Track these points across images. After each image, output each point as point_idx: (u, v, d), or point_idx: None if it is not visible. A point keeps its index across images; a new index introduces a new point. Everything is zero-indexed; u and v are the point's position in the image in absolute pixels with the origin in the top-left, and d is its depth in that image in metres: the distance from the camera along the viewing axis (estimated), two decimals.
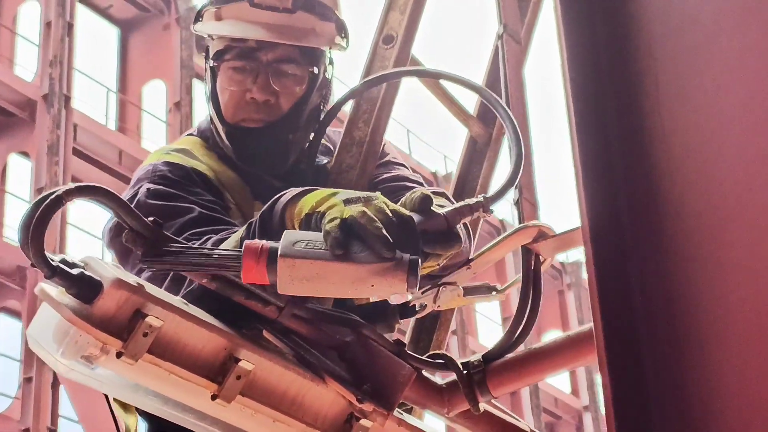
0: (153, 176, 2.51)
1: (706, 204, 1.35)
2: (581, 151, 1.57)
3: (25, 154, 18.98)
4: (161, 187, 2.47)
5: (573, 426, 27.31)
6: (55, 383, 16.91)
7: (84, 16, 20.61)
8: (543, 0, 3.01)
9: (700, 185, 1.37)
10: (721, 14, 1.40)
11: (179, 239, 1.89)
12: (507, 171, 2.13)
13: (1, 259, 17.88)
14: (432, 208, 2.00)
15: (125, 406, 2.50)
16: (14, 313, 18.53)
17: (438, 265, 2.02)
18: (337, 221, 1.86)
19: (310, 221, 1.96)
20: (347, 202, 1.93)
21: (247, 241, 1.85)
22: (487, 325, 26.08)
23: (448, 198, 2.50)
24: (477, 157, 3.00)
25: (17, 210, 18.93)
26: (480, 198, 2.06)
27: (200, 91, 21.41)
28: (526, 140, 2.65)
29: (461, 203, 2.04)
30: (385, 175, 2.62)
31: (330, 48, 2.65)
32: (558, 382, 27.24)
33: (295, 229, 2.00)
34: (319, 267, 1.82)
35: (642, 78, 1.47)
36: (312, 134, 2.68)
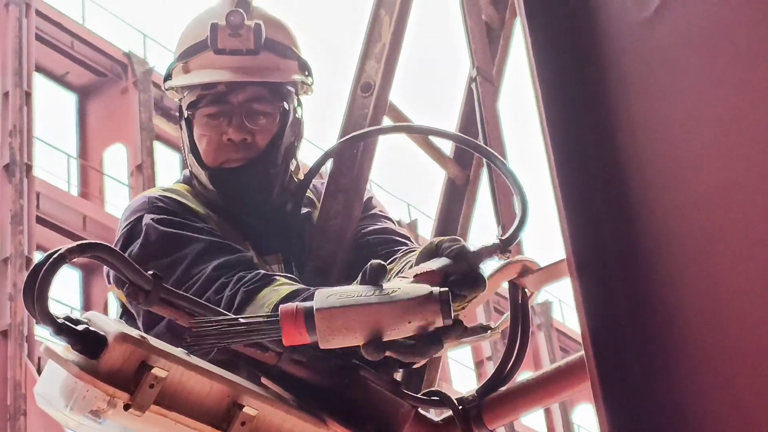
0: (152, 207, 2.58)
1: (686, 227, 1.40)
2: (562, 186, 1.61)
3: None
4: (164, 216, 2.54)
5: None
6: None
7: (41, 85, 20.59)
8: (511, 39, 3.07)
9: (680, 211, 1.42)
10: (689, 46, 1.44)
11: (178, 291, 1.92)
12: (517, 216, 2.20)
13: None
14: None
15: None
16: None
17: (462, 307, 2.09)
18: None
19: None
20: None
21: (281, 306, 1.90)
22: (460, 370, 26.06)
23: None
24: (456, 197, 3.04)
25: None
26: (496, 241, 2.14)
27: (162, 153, 21.24)
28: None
29: (480, 247, 2.13)
30: (372, 227, 2.70)
31: (297, 87, 2.75)
32: (534, 423, 27.18)
33: None
34: (355, 313, 1.86)
35: (616, 112, 1.52)
36: (290, 174, 2.75)
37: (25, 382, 15.99)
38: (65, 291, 19.59)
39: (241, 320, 1.93)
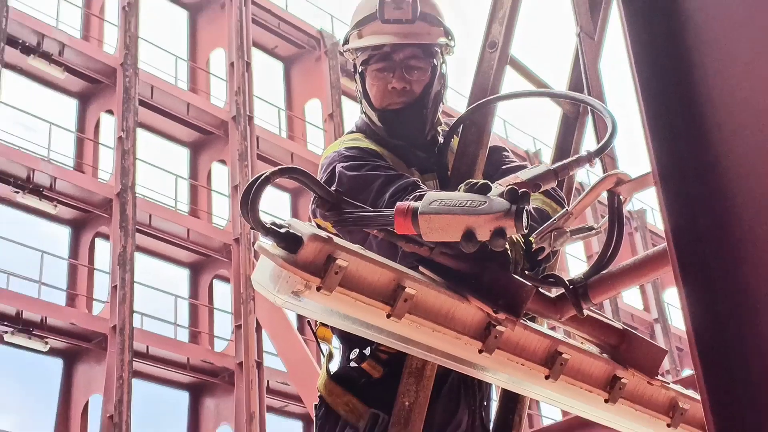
0: (341, 158, 2.62)
1: (755, 148, 1.33)
2: (647, 109, 1.55)
3: (223, 161, 19.34)
4: (351, 162, 2.57)
5: (647, 335, 26.78)
6: (258, 328, 17.23)
7: (257, 56, 20.88)
8: (612, 1, 2.98)
9: (752, 128, 1.35)
10: None
11: (354, 202, 1.93)
12: (605, 136, 2.17)
13: (212, 240, 18.30)
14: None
15: (324, 337, 2.59)
16: (224, 279, 18.93)
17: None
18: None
19: None
20: None
21: (398, 203, 1.90)
22: (575, 262, 25.82)
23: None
24: (569, 129, 2.99)
25: (220, 204, 19.32)
26: (584, 153, 2.13)
27: (348, 105, 21.38)
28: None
29: (569, 159, 2.12)
30: (512, 165, 2.76)
31: (442, 48, 2.76)
32: (632, 300, 26.81)
33: None
34: (448, 220, 1.84)
35: (696, 39, 1.45)
36: (438, 115, 2.79)
37: None
38: (278, 211, 19.97)
39: (373, 212, 1.93)
